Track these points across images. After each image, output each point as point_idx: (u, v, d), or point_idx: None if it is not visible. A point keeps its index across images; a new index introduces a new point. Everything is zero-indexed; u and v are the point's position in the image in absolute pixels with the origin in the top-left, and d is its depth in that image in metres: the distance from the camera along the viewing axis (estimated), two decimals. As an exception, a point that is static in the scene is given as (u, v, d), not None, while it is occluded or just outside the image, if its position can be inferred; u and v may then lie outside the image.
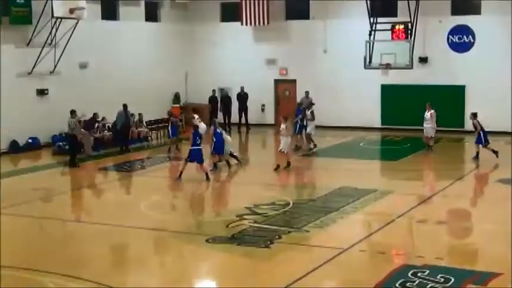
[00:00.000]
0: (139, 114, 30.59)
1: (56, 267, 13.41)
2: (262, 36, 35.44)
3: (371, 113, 33.45)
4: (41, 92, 29.12)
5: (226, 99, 35.20)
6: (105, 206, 19.62)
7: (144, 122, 31.34)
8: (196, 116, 26.88)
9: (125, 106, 29.19)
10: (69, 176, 24.95)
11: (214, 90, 35.41)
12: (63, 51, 28.84)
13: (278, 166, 22.98)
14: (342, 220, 16.85)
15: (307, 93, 31.86)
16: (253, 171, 24.84)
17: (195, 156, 21.35)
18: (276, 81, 35.88)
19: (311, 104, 28.79)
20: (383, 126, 33.45)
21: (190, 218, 17.86)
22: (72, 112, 25.01)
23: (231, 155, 23.94)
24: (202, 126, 25.39)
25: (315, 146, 27.36)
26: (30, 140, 28.75)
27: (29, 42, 28.25)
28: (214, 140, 22.94)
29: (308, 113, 27.40)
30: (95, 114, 28.94)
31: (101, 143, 28.91)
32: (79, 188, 22.61)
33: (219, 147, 23.06)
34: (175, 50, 36.30)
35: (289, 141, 23.40)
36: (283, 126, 23.18)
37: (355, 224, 16.98)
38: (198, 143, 21.38)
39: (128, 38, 33.08)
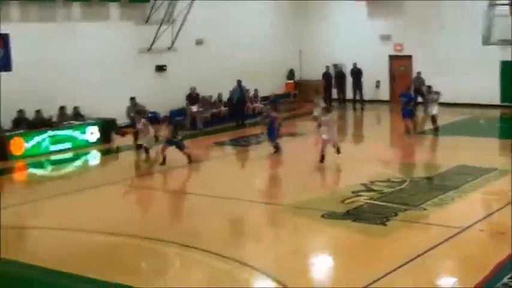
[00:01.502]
0: (255, 89, 30.77)
1: (176, 237, 13.72)
2: (376, 12, 34.75)
3: (489, 90, 32.23)
4: (160, 68, 29.77)
5: (340, 76, 34.87)
6: (222, 179, 19.86)
7: (259, 98, 31.49)
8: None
9: (239, 82, 29.46)
10: (186, 149, 25.44)
11: (328, 67, 35.08)
12: (180, 28, 29.35)
13: (323, 157, 20.63)
14: (461, 199, 16.38)
15: (418, 73, 31.11)
16: (368, 148, 24.55)
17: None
18: (391, 57, 35.16)
19: (423, 84, 27.91)
20: (502, 104, 32.26)
21: (305, 193, 17.82)
22: (132, 99, 25.04)
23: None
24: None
25: (437, 129, 26.06)
26: (150, 115, 29.42)
27: (148, 19, 28.86)
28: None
29: (430, 95, 26.25)
30: (192, 88, 29.10)
31: (217, 118, 29.30)
32: (196, 161, 23.01)
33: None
34: (290, 26, 36.22)
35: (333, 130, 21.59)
36: (324, 118, 21.11)
37: (474, 203, 16.46)
38: None
39: (243, 15, 33.20)
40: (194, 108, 28.54)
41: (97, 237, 14.12)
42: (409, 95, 27.18)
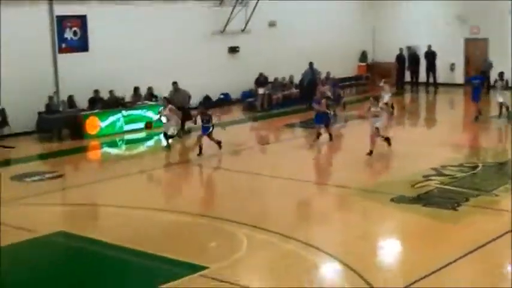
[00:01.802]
0: (327, 72, 30.57)
1: (245, 218, 13.81)
2: (453, -7, 34.06)
3: None
4: (233, 50, 29.93)
5: (413, 58, 34.35)
6: (291, 161, 19.88)
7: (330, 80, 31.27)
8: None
9: (311, 64, 29.39)
10: (257, 131, 25.63)
11: (401, 49, 34.60)
12: (253, 10, 29.39)
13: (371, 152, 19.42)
14: (534, 185, 16.00)
15: (486, 57, 30.29)
16: (440, 132, 24.17)
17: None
18: (466, 40, 34.41)
19: (490, 68, 27.11)
20: None
21: (375, 176, 17.71)
22: (174, 83, 24.49)
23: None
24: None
25: (501, 114, 25.37)
26: (222, 96, 29.73)
27: (222, 1, 29.00)
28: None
29: (499, 81, 25.53)
30: (260, 73, 29.07)
31: (288, 100, 29.30)
32: (266, 143, 23.11)
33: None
34: (363, 7, 35.84)
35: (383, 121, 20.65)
36: (373, 108, 19.76)
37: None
38: None
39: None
40: (261, 91, 28.58)
41: (167, 216, 14.36)
42: (481, 78, 26.62)
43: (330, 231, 13.61)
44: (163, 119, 21.22)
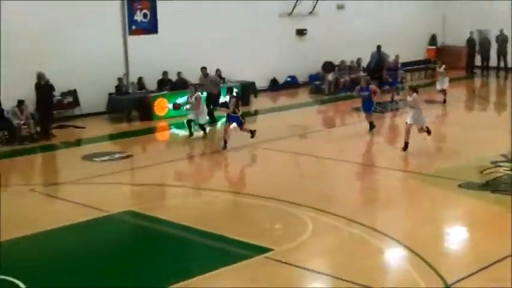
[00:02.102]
0: (396, 55, 30.11)
1: (309, 200, 13.78)
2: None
3: None
4: (300, 32, 29.80)
5: (484, 42, 33.58)
6: (357, 145, 19.73)
7: (399, 64, 30.82)
8: None
9: (378, 47, 29.03)
10: (323, 114, 25.53)
11: (472, 32, 33.85)
12: (322, -8, 29.23)
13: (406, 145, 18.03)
14: None
15: None
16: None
17: None
18: (541, 24, 33.37)
19: None
20: None
21: (442, 161, 17.42)
22: (203, 69, 23.96)
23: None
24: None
25: None
26: (289, 79, 29.67)
27: (290, -17, 28.94)
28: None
29: None
30: (327, 62, 28.76)
31: (356, 83, 29.01)
32: (332, 126, 22.97)
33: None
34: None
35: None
36: (409, 98, 18.45)
37: None
38: None
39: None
40: (329, 77, 28.40)
41: (233, 198, 14.46)
42: None
43: (395, 216, 13.48)
44: (188, 107, 20.63)
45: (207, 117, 21.20)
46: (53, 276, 10.98)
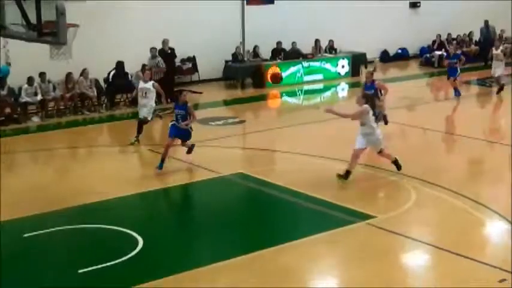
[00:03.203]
0: (501, 30, 28.99)
1: (416, 171, 13.65)
2: None
3: None
4: (414, 5, 29.19)
5: None
6: (465, 118, 19.28)
7: (504, 39, 29.58)
8: None
9: (486, 22, 28.22)
10: (433, 86, 25.02)
11: None
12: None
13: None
14: None
15: None
16: None
17: None
18: None
19: None
20: None
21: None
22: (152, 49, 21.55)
23: None
24: None
25: None
26: (399, 51, 29.19)
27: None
28: None
29: None
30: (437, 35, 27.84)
31: (467, 57, 28.23)
32: (440, 99, 22.53)
33: None
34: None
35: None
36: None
37: None
38: None
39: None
40: (438, 52, 27.73)
41: (339, 165, 14.43)
42: None
43: (500, 190, 13.15)
44: None
45: None
46: (167, 230, 11.45)
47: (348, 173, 13.09)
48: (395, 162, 13.51)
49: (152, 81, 16.75)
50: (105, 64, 20.69)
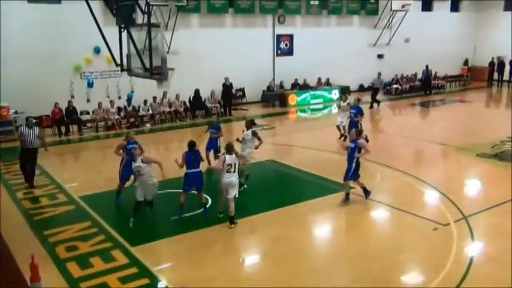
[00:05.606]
0: (435, 72, 28.06)
1: (381, 160, 13.42)
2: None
3: None
4: (380, 56, 28.81)
5: (501, 64, 30.99)
6: (412, 125, 18.97)
7: (439, 77, 29.02)
8: None
9: (426, 66, 27.80)
10: (391, 106, 24.69)
11: (492, 57, 31.04)
12: (395, 31, 28.05)
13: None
14: None
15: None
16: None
17: None
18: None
19: None
20: None
21: (467, 138, 16.52)
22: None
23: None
24: None
25: None
26: (370, 84, 28.62)
27: (376, 25, 27.94)
28: None
29: None
30: (392, 80, 27.27)
31: (413, 89, 27.78)
32: (396, 114, 22.14)
33: None
34: (467, 26, 32.61)
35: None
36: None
37: None
38: None
39: (435, 22, 30.54)
40: (395, 86, 27.28)
41: (335, 156, 14.33)
42: None
43: (433, 171, 12.98)
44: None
45: None
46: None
47: (365, 190, 10.72)
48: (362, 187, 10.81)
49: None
50: (188, 91, 20.85)
